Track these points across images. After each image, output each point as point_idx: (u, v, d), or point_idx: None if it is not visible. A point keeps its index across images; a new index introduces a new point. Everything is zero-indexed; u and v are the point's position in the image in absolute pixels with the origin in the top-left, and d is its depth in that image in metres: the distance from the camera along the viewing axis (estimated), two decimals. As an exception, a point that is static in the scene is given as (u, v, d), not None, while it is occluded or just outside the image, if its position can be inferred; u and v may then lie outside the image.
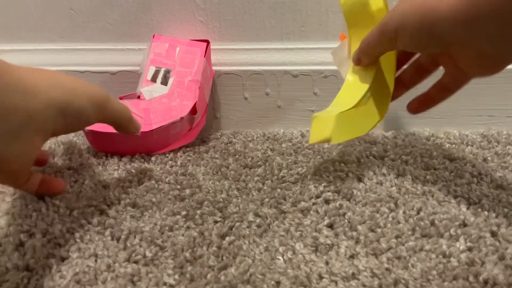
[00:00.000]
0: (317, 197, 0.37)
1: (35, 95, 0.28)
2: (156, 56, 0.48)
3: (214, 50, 0.50)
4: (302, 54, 0.50)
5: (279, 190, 0.38)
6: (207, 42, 0.48)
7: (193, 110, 0.46)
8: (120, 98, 0.47)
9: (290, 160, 0.43)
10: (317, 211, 0.35)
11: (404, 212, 0.35)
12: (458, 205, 0.35)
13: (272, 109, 0.51)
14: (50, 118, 0.29)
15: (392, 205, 0.36)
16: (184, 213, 0.35)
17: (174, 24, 0.50)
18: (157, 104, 0.45)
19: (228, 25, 0.50)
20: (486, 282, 0.28)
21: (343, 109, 0.36)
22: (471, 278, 0.28)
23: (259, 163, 0.43)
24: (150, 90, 0.46)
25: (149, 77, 0.47)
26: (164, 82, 0.47)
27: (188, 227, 0.34)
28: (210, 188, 0.39)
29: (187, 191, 0.38)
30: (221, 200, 0.37)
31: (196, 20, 0.50)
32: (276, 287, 0.28)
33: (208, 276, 0.29)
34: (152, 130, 0.43)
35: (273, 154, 0.45)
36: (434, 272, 0.29)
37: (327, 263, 0.30)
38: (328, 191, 0.37)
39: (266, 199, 0.37)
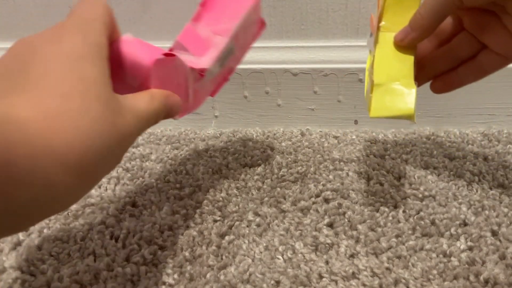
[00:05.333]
0: (317, 196, 0.37)
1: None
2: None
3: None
4: (302, 53, 0.49)
5: (278, 189, 0.38)
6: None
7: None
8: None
9: (290, 159, 0.43)
10: (317, 210, 0.35)
11: (404, 211, 0.35)
12: (458, 204, 0.35)
13: (272, 108, 0.51)
14: None
15: (392, 204, 0.35)
16: (183, 212, 0.35)
17: (173, 22, 0.50)
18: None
19: (227, 23, 0.49)
20: (486, 281, 0.28)
21: (407, 82, 0.31)
22: (471, 278, 0.28)
23: (258, 162, 0.43)
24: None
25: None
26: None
27: (187, 226, 0.34)
28: (209, 187, 0.39)
29: (186, 190, 0.38)
30: (221, 199, 0.37)
31: (196, 18, 0.50)
32: (276, 286, 0.28)
33: (208, 275, 0.29)
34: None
35: (273, 153, 0.45)
36: (435, 272, 0.29)
37: (327, 262, 0.30)
38: (328, 190, 0.37)
39: (266, 198, 0.37)
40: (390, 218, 0.34)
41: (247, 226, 0.34)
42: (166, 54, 0.27)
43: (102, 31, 0.23)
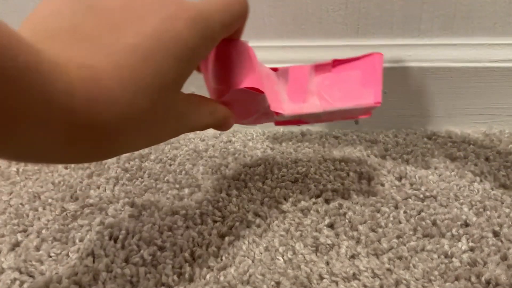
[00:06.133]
0: (317, 196, 0.37)
1: None
2: None
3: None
4: (302, 52, 0.49)
5: (279, 189, 0.38)
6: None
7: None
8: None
9: (290, 159, 0.43)
10: (317, 211, 0.35)
11: (405, 212, 0.34)
12: (460, 205, 0.35)
13: (272, 108, 0.51)
14: None
15: (393, 205, 0.35)
16: (183, 212, 0.35)
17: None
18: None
19: (227, 23, 0.49)
20: (488, 282, 0.28)
21: None
22: (473, 279, 0.28)
23: (258, 162, 0.43)
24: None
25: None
26: None
27: (187, 227, 0.34)
28: (209, 187, 0.39)
29: (186, 190, 0.38)
30: (221, 199, 0.37)
31: (196, 18, 0.49)
32: (276, 287, 0.28)
33: (208, 276, 0.29)
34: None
35: (273, 153, 0.44)
36: (436, 273, 0.29)
37: (327, 263, 0.30)
38: (329, 191, 0.37)
39: (266, 199, 0.37)
40: (391, 218, 0.34)
41: (247, 227, 0.34)
42: (255, 89, 0.25)
43: (217, 38, 0.22)
